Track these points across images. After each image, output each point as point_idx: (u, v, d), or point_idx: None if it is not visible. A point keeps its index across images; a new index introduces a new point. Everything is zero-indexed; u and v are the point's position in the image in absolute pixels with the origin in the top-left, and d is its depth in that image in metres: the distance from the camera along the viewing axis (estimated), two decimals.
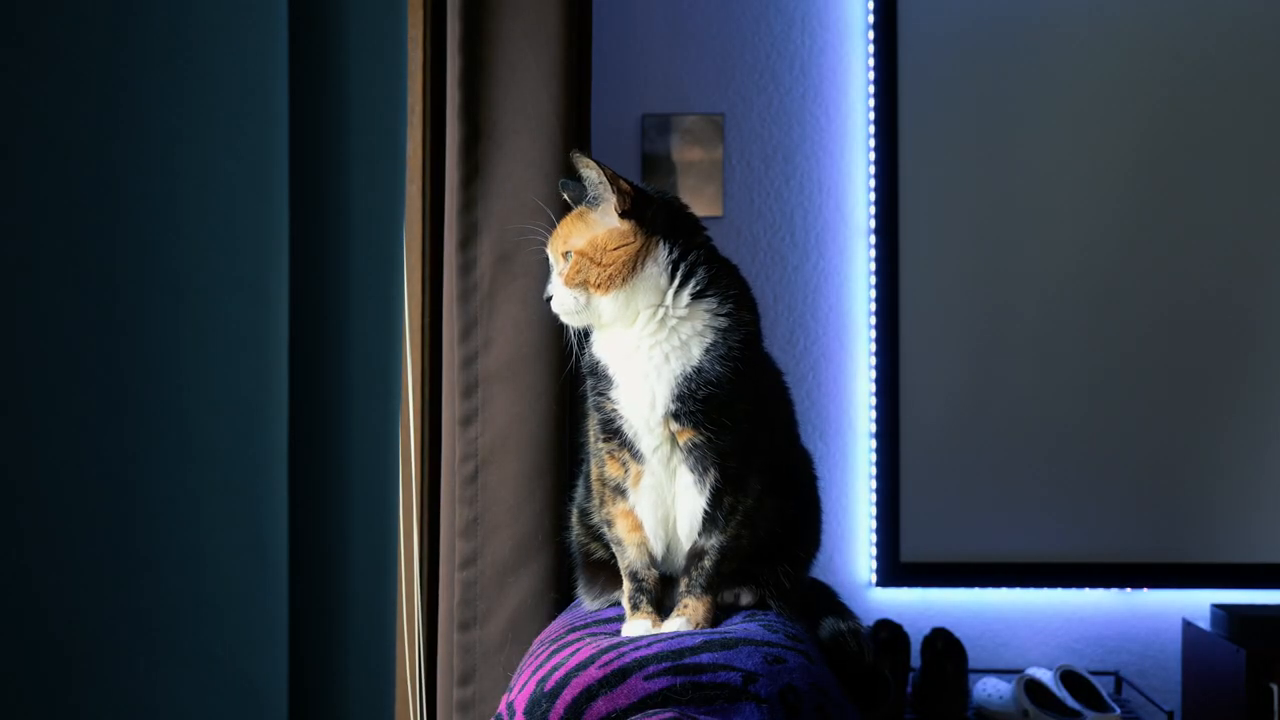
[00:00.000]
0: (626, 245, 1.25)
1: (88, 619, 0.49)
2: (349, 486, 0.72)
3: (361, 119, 0.72)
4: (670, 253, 1.26)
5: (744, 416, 1.26)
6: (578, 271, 1.25)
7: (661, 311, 1.25)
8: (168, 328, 0.52)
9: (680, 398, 1.24)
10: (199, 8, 0.54)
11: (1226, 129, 2.38)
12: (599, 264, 1.25)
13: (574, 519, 1.49)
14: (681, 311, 1.26)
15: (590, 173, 1.26)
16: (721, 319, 1.26)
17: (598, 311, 1.26)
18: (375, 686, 0.75)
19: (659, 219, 1.28)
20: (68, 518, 0.48)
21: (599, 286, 1.25)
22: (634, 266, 1.25)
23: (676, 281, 1.26)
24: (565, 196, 1.40)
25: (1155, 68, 2.39)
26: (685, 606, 1.26)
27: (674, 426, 1.26)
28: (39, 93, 0.47)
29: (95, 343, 0.49)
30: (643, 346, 1.26)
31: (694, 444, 1.26)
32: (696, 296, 1.26)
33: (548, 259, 1.34)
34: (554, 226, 1.33)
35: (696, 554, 1.28)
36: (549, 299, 1.30)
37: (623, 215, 1.26)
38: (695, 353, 1.25)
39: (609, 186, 1.25)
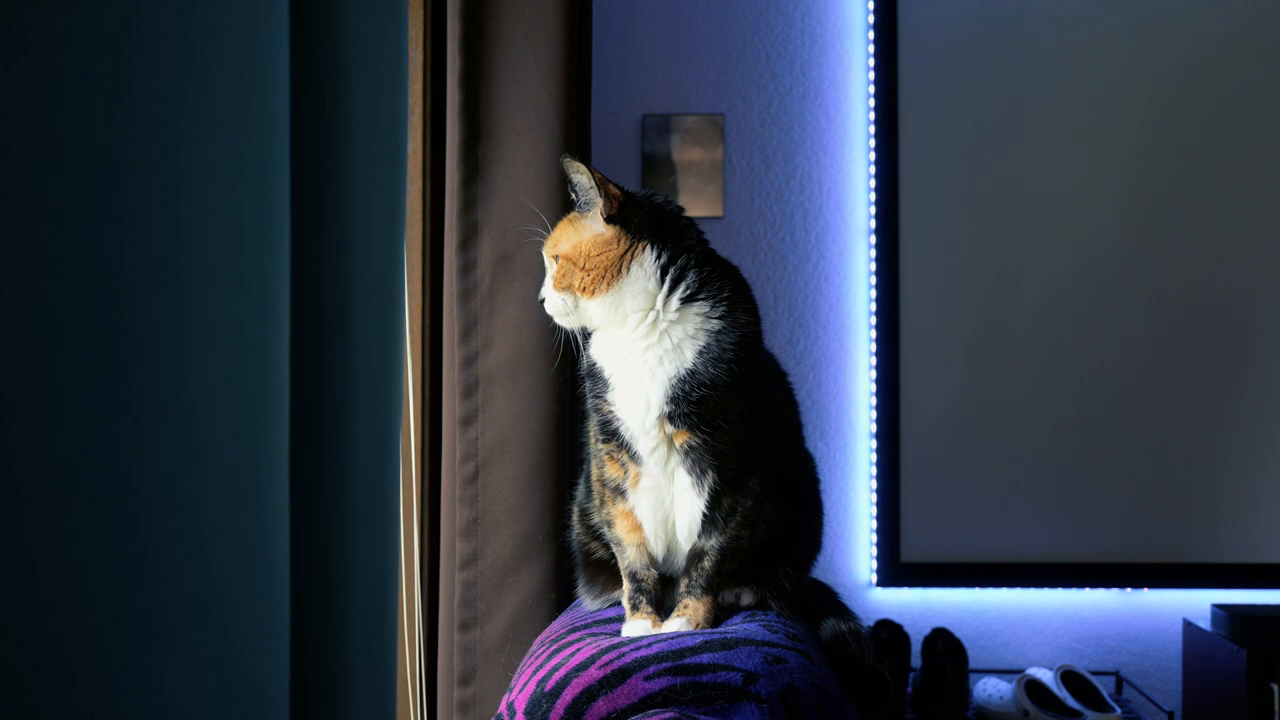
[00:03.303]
0: (609, 250, 1.26)
1: (89, 618, 0.49)
2: (349, 486, 0.72)
3: (362, 119, 0.72)
4: (658, 257, 1.26)
5: (741, 418, 1.26)
6: (563, 275, 1.27)
7: (653, 315, 1.26)
8: (170, 328, 0.52)
9: (674, 400, 1.24)
10: (201, 8, 0.54)
11: (1228, 127, 2.38)
12: (582, 269, 1.26)
13: (575, 518, 1.49)
14: (673, 315, 1.26)
15: (581, 177, 1.27)
16: (715, 321, 1.26)
17: (586, 314, 1.28)
18: (376, 686, 0.75)
19: (646, 223, 1.27)
20: (70, 517, 0.48)
21: (584, 290, 1.26)
22: (618, 271, 1.25)
23: (666, 285, 1.26)
24: (573, 196, 1.40)
25: (1154, 70, 2.39)
26: (685, 607, 1.26)
27: (669, 429, 1.26)
28: (42, 93, 0.47)
29: (98, 342, 0.49)
30: (636, 350, 1.26)
31: (690, 446, 1.26)
32: (688, 300, 1.26)
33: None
34: (553, 227, 1.34)
35: (696, 555, 1.28)
36: (542, 300, 1.31)
37: (608, 220, 1.26)
38: (688, 355, 1.25)
39: (598, 191, 1.26)
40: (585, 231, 1.28)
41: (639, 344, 1.26)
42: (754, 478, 1.28)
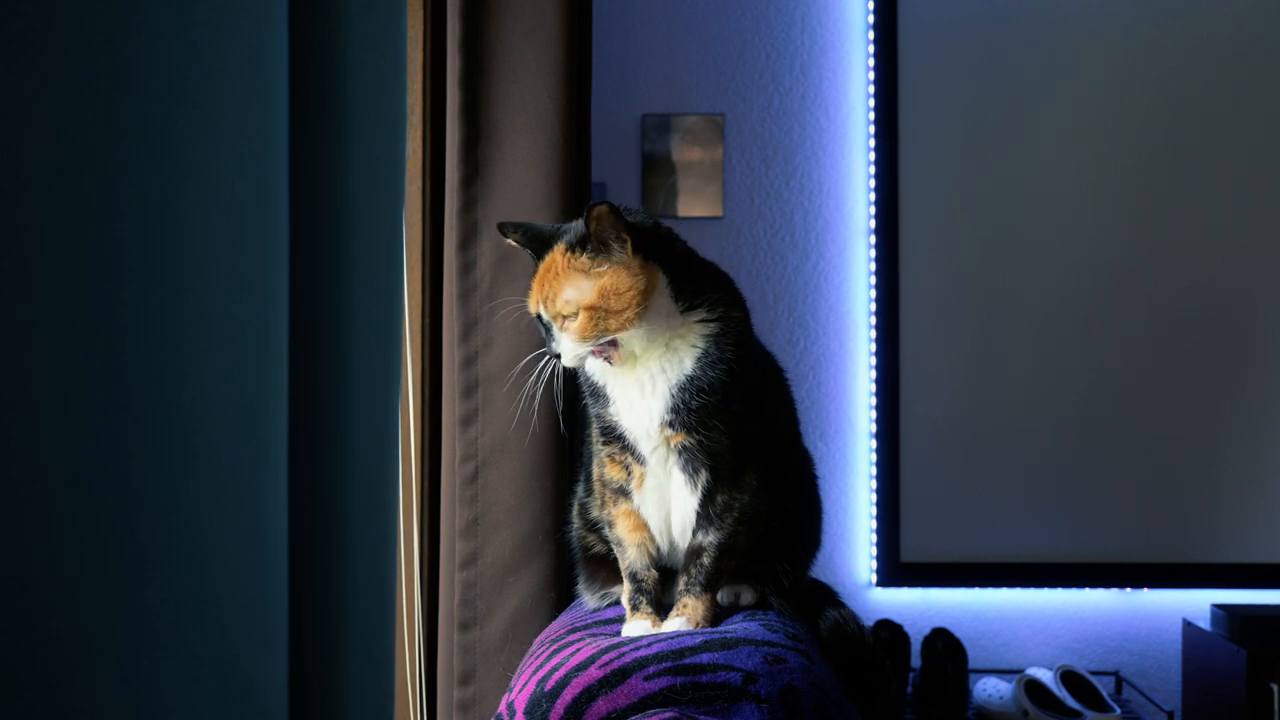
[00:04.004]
0: (636, 280, 1.21)
1: (89, 618, 0.49)
2: (349, 486, 0.72)
3: (362, 119, 0.72)
4: (665, 271, 1.23)
5: (737, 416, 1.26)
6: (592, 322, 1.20)
7: (668, 334, 1.24)
8: (170, 328, 0.52)
9: (674, 409, 1.24)
10: (201, 8, 0.54)
11: (1229, 127, 2.38)
12: (615, 310, 1.20)
13: (574, 513, 1.49)
14: (682, 330, 1.25)
15: (603, 225, 1.19)
16: (712, 325, 1.25)
17: (629, 346, 1.23)
18: (376, 686, 0.75)
19: (648, 244, 1.23)
20: (70, 517, 0.48)
21: (621, 327, 1.21)
22: (647, 298, 1.21)
23: (673, 298, 1.24)
24: (511, 241, 1.34)
25: (1154, 70, 2.39)
26: (685, 606, 1.26)
27: (667, 432, 1.26)
28: (42, 93, 0.47)
29: (98, 342, 0.49)
30: (640, 366, 1.25)
31: (685, 446, 1.26)
32: (688, 309, 1.25)
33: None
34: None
35: (695, 552, 1.28)
36: (558, 356, 1.24)
37: (635, 250, 1.21)
38: (688, 363, 1.24)
39: (624, 230, 1.20)
40: (603, 274, 1.21)
41: (644, 360, 1.25)
42: (750, 474, 1.28)
